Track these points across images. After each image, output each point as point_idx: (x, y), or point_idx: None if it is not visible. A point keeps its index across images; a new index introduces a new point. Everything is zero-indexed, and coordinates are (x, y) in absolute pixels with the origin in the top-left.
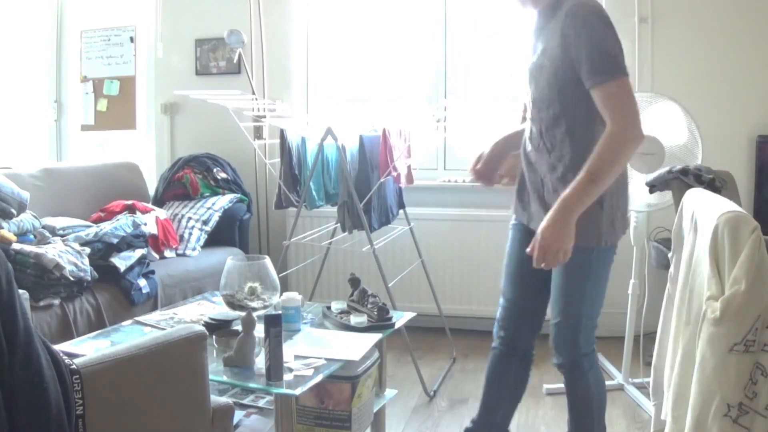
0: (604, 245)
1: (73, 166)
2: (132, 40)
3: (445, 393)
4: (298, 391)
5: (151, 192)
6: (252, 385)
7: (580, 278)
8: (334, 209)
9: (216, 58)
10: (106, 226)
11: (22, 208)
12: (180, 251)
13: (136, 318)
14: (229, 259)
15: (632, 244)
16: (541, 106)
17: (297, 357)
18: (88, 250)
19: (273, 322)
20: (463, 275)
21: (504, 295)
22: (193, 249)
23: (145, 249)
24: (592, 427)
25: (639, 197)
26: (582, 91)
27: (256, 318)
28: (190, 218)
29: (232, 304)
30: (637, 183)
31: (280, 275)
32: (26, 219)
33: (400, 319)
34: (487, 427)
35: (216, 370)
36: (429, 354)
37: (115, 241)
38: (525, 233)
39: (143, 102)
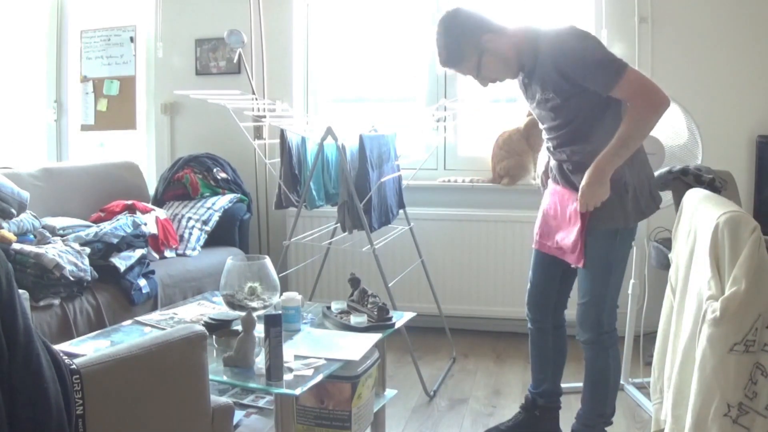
0: (628, 227)
1: (73, 166)
2: (132, 40)
3: (445, 393)
4: (298, 391)
5: (151, 192)
6: (252, 385)
7: (605, 260)
8: (334, 209)
9: (216, 58)
10: (106, 226)
11: (22, 208)
12: (180, 251)
13: (136, 318)
14: (229, 259)
15: (632, 244)
16: (557, 126)
17: (297, 357)
18: (88, 250)
19: (273, 322)
20: (463, 275)
21: (530, 279)
22: (193, 249)
23: (145, 249)
24: (606, 403)
25: None
26: (590, 103)
27: (256, 318)
28: (190, 218)
29: (232, 304)
30: None
31: (280, 275)
32: (26, 219)
33: (400, 319)
34: (544, 393)
35: (216, 370)
36: (429, 354)
37: (115, 241)
38: None
39: (143, 102)
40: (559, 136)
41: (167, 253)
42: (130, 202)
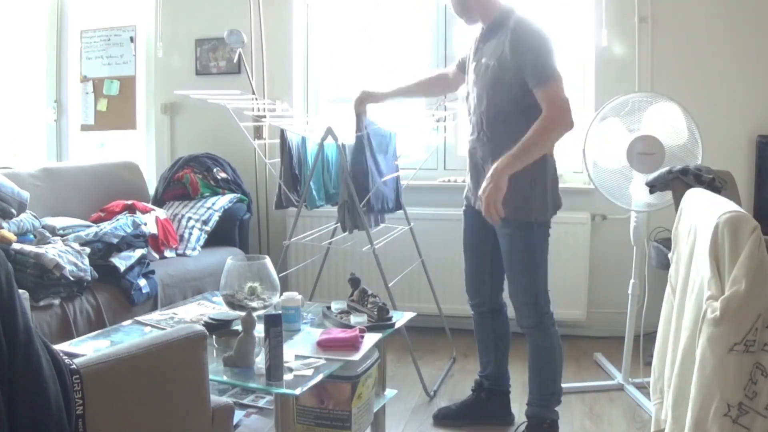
0: (536, 222)
1: (73, 166)
2: (132, 40)
3: (445, 393)
4: (298, 391)
5: (151, 192)
6: (252, 385)
7: (526, 251)
8: (334, 209)
9: (216, 58)
10: (106, 226)
11: (22, 208)
12: (180, 251)
13: (136, 318)
14: (229, 259)
15: (632, 244)
16: (483, 99)
17: (297, 357)
18: (88, 250)
19: (273, 322)
20: (463, 275)
21: (465, 268)
22: (193, 249)
23: (145, 249)
24: (556, 380)
25: (639, 197)
26: (520, 88)
27: (256, 318)
28: (190, 218)
29: (232, 304)
30: (637, 183)
31: (280, 275)
32: (26, 219)
33: (400, 319)
34: (489, 376)
35: (216, 370)
36: (429, 354)
37: (115, 241)
38: (473, 215)
39: (143, 102)
40: (481, 114)
41: (167, 253)
42: (130, 202)
